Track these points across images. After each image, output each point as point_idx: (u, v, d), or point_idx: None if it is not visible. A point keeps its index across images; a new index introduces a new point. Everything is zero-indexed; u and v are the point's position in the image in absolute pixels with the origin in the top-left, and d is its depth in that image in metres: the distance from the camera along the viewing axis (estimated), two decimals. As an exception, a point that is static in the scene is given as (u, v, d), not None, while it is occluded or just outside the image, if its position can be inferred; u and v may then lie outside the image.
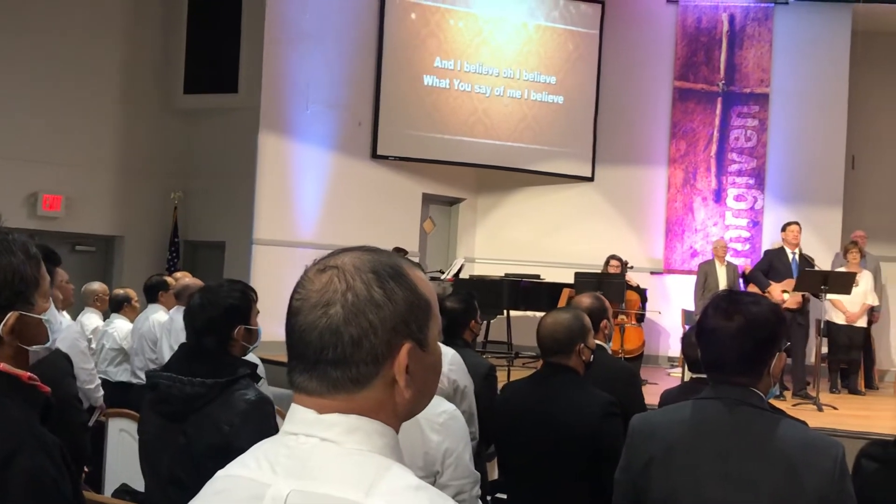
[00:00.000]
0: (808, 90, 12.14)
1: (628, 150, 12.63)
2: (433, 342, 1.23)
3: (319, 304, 1.16)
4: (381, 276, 1.18)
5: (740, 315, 2.17)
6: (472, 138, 12.16)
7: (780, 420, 2.16)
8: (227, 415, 2.71)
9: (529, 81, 12.46)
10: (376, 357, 1.16)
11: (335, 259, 1.20)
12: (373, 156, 11.51)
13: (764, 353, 2.19)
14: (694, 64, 12.53)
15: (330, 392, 1.16)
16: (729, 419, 2.16)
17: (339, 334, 1.15)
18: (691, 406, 2.27)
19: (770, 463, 2.08)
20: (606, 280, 9.74)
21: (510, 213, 12.93)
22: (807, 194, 11.99)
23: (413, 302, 1.19)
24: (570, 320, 3.44)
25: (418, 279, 1.22)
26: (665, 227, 12.46)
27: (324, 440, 1.15)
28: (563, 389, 3.36)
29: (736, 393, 2.18)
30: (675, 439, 2.22)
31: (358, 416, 1.16)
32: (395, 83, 11.62)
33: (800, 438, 2.12)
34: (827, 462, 2.06)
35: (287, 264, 9.98)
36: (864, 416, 8.25)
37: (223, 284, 3.07)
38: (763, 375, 2.20)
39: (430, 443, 2.66)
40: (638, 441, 2.33)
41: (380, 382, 1.17)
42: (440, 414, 2.70)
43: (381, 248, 1.25)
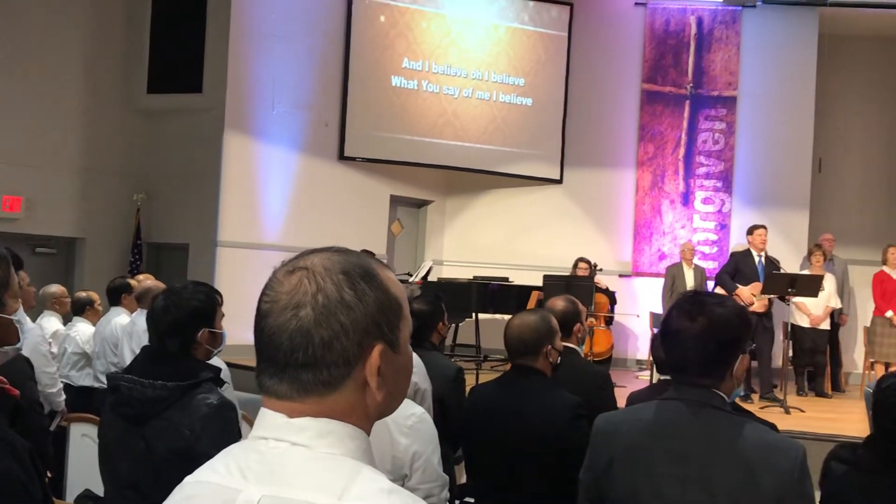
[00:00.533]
0: (776, 93, 12.28)
1: (597, 153, 12.69)
2: (404, 343, 1.23)
3: (289, 305, 1.15)
4: (352, 277, 1.17)
5: (704, 317, 2.18)
6: (442, 140, 12.17)
7: (741, 422, 2.17)
8: (188, 419, 2.70)
9: (498, 83, 12.50)
10: (347, 359, 1.16)
11: (304, 260, 1.20)
12: (340, 157, 11.48)
13: (727, 355, 2.20)
14: (662, 67, 12.62)
15: (300, 395, 1.16)
16: (690, 420, 2.17)
17: (310, 336, 1.14)
18: (654, 407, 2.29)
19: (729, 464, 2.09)
20: (575, 283, 9.78)
21: (479, 215, 12.95)
22: (774, 197, 12.12)
23: (384, 303, 1.19)
24: (538, 322, 3.45)
25: (389, 280, 1.22)
26: (633, 229, 12.54)
27: (294, 444, 1.14)
28: (530, 392, 3.37)
29: (698, 394, 2.19)
30: (636, 439, 2.24)
31: (329, 419, 1.15)
32: (363, 84, 11.60)
33: (760, 440, 2.13)
34: (786, 463, 2.07)
35: (252, 267, 9.93)
36: (831, 419, 8.35)
37: (187, 286, 3.04)
38: (726, 377, 2.21)
39: (398, 446, 2.66)
40: (600, 441, 2.35)
41: (351, 385, 1.17)
42: (409, 417, 2.70)
43: (351, 249, 1.24)
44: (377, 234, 11.78)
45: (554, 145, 12.75)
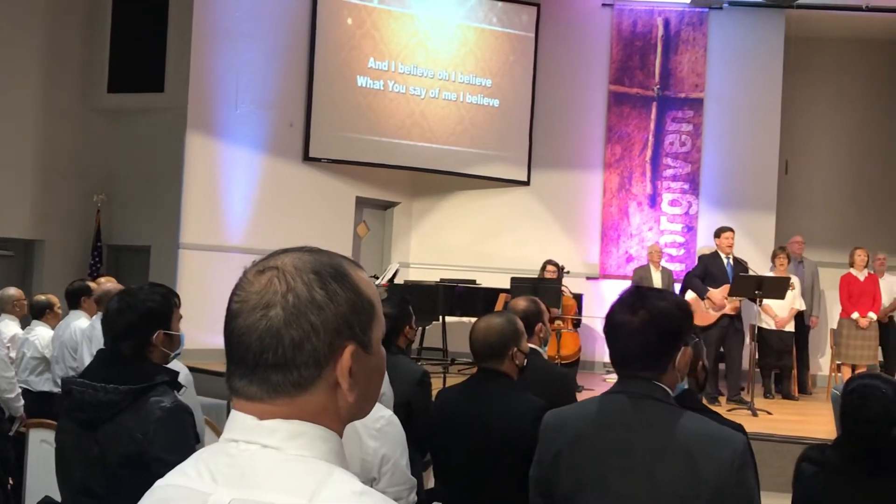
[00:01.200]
0: (742, 95, 12.40)
1: (564, 154, 12.75)
2: (377, 344, 1.23)
3: (259, 306, 1.15)
4: (323, 277, 1.17)
5: (644, 310, 2.24)
6: (409, 141, 12.16)
7: (682, 413, 2.21)
8: (141, 424, 2.68)
9: (465, 84, 12.51)
10: (318, 360, 1.15)
11: (275, 260, 1.19)
12: (305, 158, 11.43)
13: (668, 347, 2.25)
14: (629, 68, 12.71)
15: (271, 397, 1.15)
16: (632, 413, 2.22)
17: (280, 337, 1.14)
18: (599, 400, 2.36)
19: (669, 455, 2.14)
20: (543, 285, 9.81)
21: (445, 217, 12.95)
22: (741, 199, 12.25)
23: (356, 303, 1.19)
24: (503, 324, 3.46)
25: (361, 280, 1.22)
26: (600, 231, 12.60)
27: (265, 447, 1.14)
28: (496, 395, 3.37)
29: (640, 387, 2.24)
30: (581, 432, 2.29)
31: (300, 421, 1.15)
32: (328, 84, 11.56)
33: (700, 431, 2.17)
34: (725, 453, 2.11)
35: (215, 269, 9.87)
36: (798, 421, 8.44)
37: (143, 288, 3.02)
38: (668, 369, 2.26)
39: (367, 449, 2.66)
40: (548, 435, 2.40)
41: (322, 386, 1.16)
42: (377, 419, 2.70)
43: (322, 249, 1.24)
44: (343, 236, 11.75)
45: (521, 147, 12.79)
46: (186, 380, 3.59)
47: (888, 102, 12.88)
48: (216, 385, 7.34)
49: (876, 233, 12.33)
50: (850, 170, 13.08)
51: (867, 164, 12.98)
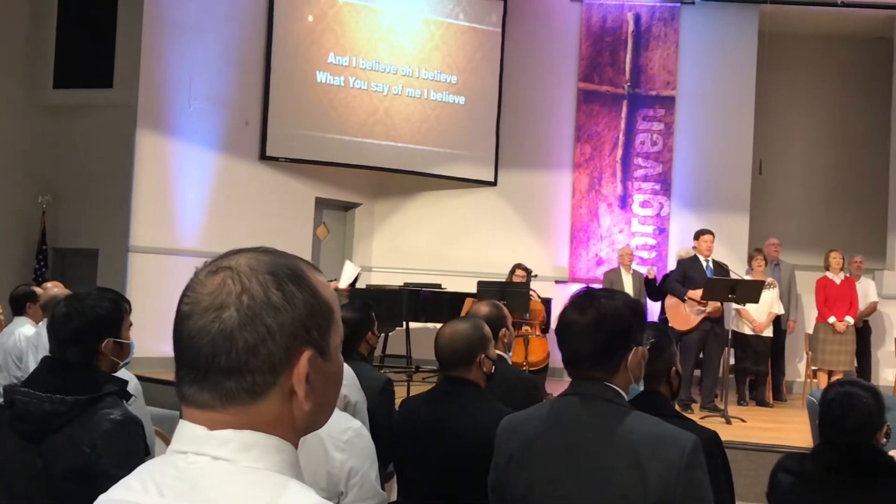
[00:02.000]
0: (715, 93, 12.51)
1: (532, 154, 12.78)
2: (335, 350, 1.22)
3: (211, 307, 1.13)
4: (280, 278, 1.16)
5: (594, 308, 2.29)
6: (372, 140, 12.13)
7: (632, 414, 2.26)
8: (89, 435, 2.63)
9: (429, 80, 12.50)
10: (273, 365, 1.13)
11: (229, 260, 1.18)
12: (261, 157, 11.37)
13: (617, 347, 2.29)
14: (599, 65, 12.77)
15: (223, 404, 1.13)
16: (583, 414, 2.27)
17: (233, 340, 1.12)
18: (551, 402, 2.42)
19: (617, 456, 2.18)
20: (510, 289, 9.82)
21: (409, 218, 12.93)
22: (714, 200, 12.34)
23: (314, 306, 1.17)
24: (470, 330, 3.45)
25: (319, 283, 1.20)
26: (570, 233, 12.65)
27: (216, 458, 1.11)
28: (464, 404, 3.36)
29: (591, 388, 2.29)
30: (532, 436, 2.35)
31: (253, 430, 1.13)
32: (286, 80, 11.50)
33: (649, 431, 2.22)
34: (674, 453, 2.15)
35: (167, 274, 9.78)
36: (773, 429, 8.51)
37: (91, 293, 2.98)
38: (619, 370, 2.30)
39: (333, 461, 2.63)
40: (502, 440, 2.46)
41: (277, 393, 1.14)
42: (345, 431, 2.68)
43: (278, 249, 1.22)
44: (302, 238, 11.69)
45: (487, 146, 12.80)
46: (136, 390, 3.55)
47: (864, 100, 13.04)
48: (167, 395, 7.28)
49: (852, 234, 12.48)
50: (826, 169, 13.23)
51: (843, 164, 13.13)
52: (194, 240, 10.57)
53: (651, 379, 2.98)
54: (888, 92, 12.55)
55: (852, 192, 13.07)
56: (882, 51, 12.82)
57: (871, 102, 12.92)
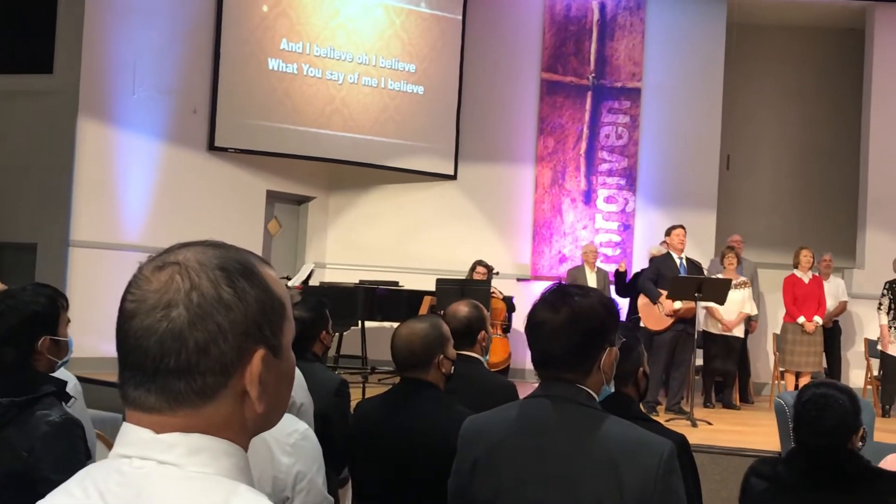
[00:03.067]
0: (682, 85, 12.61)
1: (493, 147, 12.81)
2: (287, 349, 1.21)
3: (159, 305, 1.12)
4: (231, 274, 1.15)
5: (567, 307, 2.26)
6: (328, 130, 12.06)
7: (606, 418, 2.24)
8: (26, 439, 2.61)
9: (387, 69, 12.46)
10: (225, 366, 1.13)
11: (175, 254, 1.16)
12: (210, 147, 11.28)
13: (591, 347, 2.27)
14: (562, 55, 12.82)
15: (171, 407, 1.12)
16: (553, 417, 2.25)
17: (184, 339, 1.11)
18: (519, 404, 2.39)
19: (591, 462, 2.17)
20: (470, 287, 9.84)
21: (365, 213, 12.90)
22: (680, 196, 12.44)
23: (266, 303, 1.17)
24: (427, 330, 3.44)
25: (270, 278, 1.20)
26: (532, 229, 12.69)
27: (162, 463, 1.10)
28: (422, 407, 3.35)
29: (563, 390, 2.27)
30: (500, 439, 2.32)
31: (201, 434, 1.12)
32: (236, 66, 11.41)
33: (624, 436, 2.21)
34: (650, 459, 2.14)
35: (108, 269, 9.68)
36: (740, 432, 8.60)
37: (27, 289, 2.95)
38: (592, 371, 2.28)
39: (279, 465, 2.62)
40: (466, 443, 2.43)
41: (228, 395, 1.14)
42: (291, 434, 2.66)
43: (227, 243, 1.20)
44: (252, 233, 11.62)
45: (447, 138, 12.80)
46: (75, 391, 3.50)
47: (835, 94, 13.21)
48: (109, 396, 7.19)
49: (820, 232, 12.66)
50: (796, 165, 13.39)
51: (813, 159, 13.30)
52: (138, 234, 10.47)
53: (618, 380, 3.00)
54: (859, 86, 12.73)
55: (822, 188, 13.25)
56: (854, 43, 12.99)
57: (843, 96, 13.10)
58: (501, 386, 4.23)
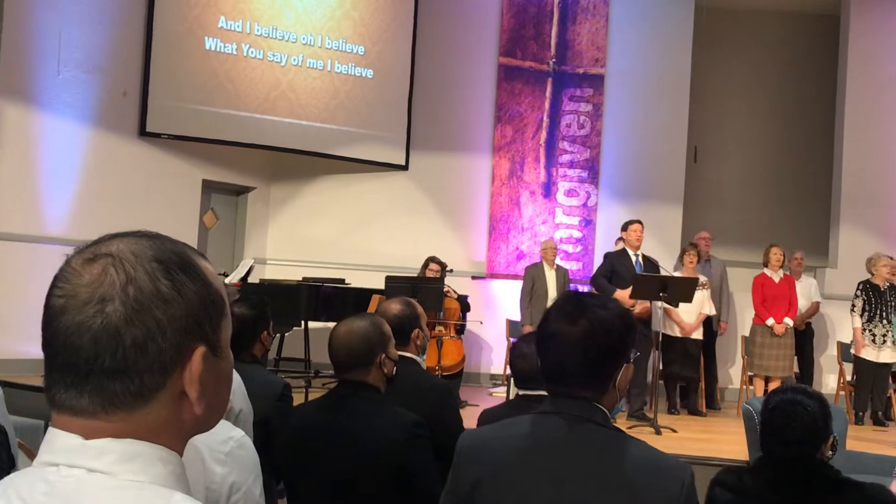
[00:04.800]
0: (647, 72, 12.70)
1: (447, 135, 12.81)
2: (226, 346, 1.22)
3: (92, 300, 1.11)
4: (168, 266, 1.15)
5: (585, 319, 2.22)
6: (273, 116, 11.98)
7: (624, 439, 2.23)
8: None
9: (334, 51, 12.41)
10: (164, 364, 1.13)
11: (107, 246, 1.16)
12: (141, 133, 11.16)
13: (610, 363, 2.25)
14: (522, 38, 12.85)
15: (105, 410, 1.12)
16: (568, 437, 2.21)
17: (120, 337, 1.10)
18: (528, 421, 2.32)
19: (610, 487, 2.15)
20: (423, 285, 9.84)
21: (309, 205, 12.84)
22: (645, 190, 12.54)
23: (206, 297, 1.17)
24: (368, 328, 3.45)
25: (208, 271, 1.21)
26: (488, 225, 12.72)
27: (92, 471, 1.10)
28: (362, 411, 3.36)
29: (577, 408, 2.23)
30: (507, 459, 2.27)
31: (134, 439, 1.12)
32: (170, 45, 11.29)
33: (644, 459, 2.19)
34: (674, 486, 2.14)
35: (30, 264, 9.56)
36: (706, 440, 8.69)
37: None
38: (609, 389, 2.26)
39: (213, 476, 2.60)
40: (465, 460, 2.36)
41: (166, 396, 1.14)
42: (226, 441, 2.64)
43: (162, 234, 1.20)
44: (187, 225, 11.52)
45: (398, 125, 12.78)
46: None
47: (809, 82, 13.39)
48: (32, 402, 7.10)
49: (792, 229, 12.84)
50: (767, 157, 13.55)
51: (784, 152, 13.47)
52: (63, 226, 10.34)
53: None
54: (834, 74, 12.90)
55: (794, 182, 13.43)
56: (828, 29, 13.16)
57: (817, 85, 13.28)
58: (436, 386, 4.25)
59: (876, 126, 12.40)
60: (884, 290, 10.21)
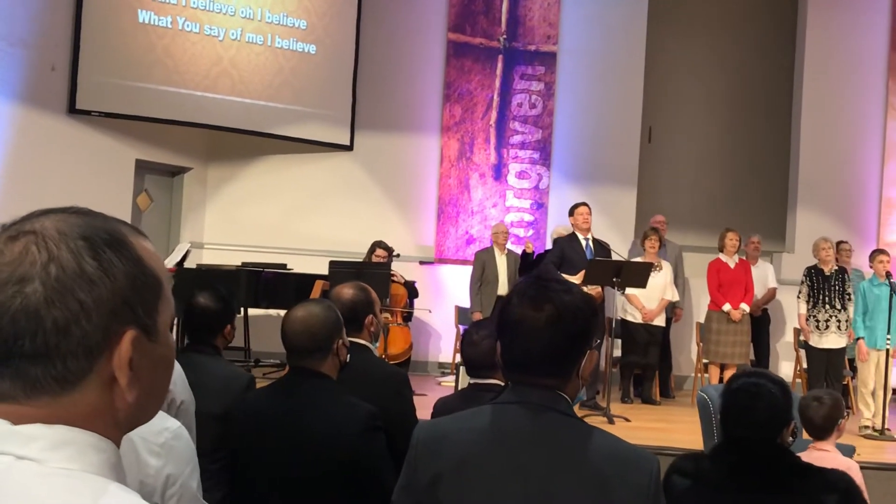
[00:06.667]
0: (601, 49, 12.73)
1: (394, 115, 12.77)
2: (164, 330, 1.19)
3: (11, 280, 1.10)
4: (96, 244, 1.12)
5: (551, 304, 2.20)
6: (213, 94, 11.84)
7: (589, 430, 2.23)
8: None
9: (274, 24, 12.29)
10: (90, 348, 1.11)
11: (32, 223, 1.14)
12: (70, 110, 11.00)
13: (575, 350, 2.24)
14: (471, 13, 12.83)
15: (27, 395, 1.10)
16: (532, 428, 2.20)
17: (40, 319, 1.09)
18: (489, 412, 2.30)
19: (577, 479, 2.15)
20: (368, 271, 9.83)
21: (249, 187, 12.75)
22: (598, 172, 12.59)
23: (138, 277, 1.15)
24: (327, 313, 3.44)
25: (144, 250, 1.18)
26: (437, 207, 12.70)
27: (21, 458, 1.07)
28: (315, 400, 3.34)
29: (542, 397, 2.22)
30: (469, 452, 2.24)
31: (66, 426, 1.10)
32: (101, 18, 11.11)
33: (612, 451, 2.19)
34: (641, 477, 2.14)
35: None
36: (661, 429, 8.78)
37: None
38: (572, 377, 2.26)
39: (147, 468, 2.57)
40: (423, 454, 2.32)
41: (94, 381, 1.12)
42: (161, 432, 2.62)
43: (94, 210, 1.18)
44: (119, 207, 11.37)
45: (342, 104, 12.71)
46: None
47: (767, 62, 13.49)
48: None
49: (748, 213, 12.96)
50: (724, 138, 13.66)
51: (742, 133, 13.59)
52: (-13, 208, 10.19)
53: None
54: (792, 55, 13.03)
55: (751, 165, 13.55)
56: (786, 9, 13.27)
57: (774, 66, 13.40)
58: (391, 375, 4.25)
59: (834, 108, 12.55)
60: (829, 274, 10.33)
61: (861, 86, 12.62)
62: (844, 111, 12.58)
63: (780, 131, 13.11)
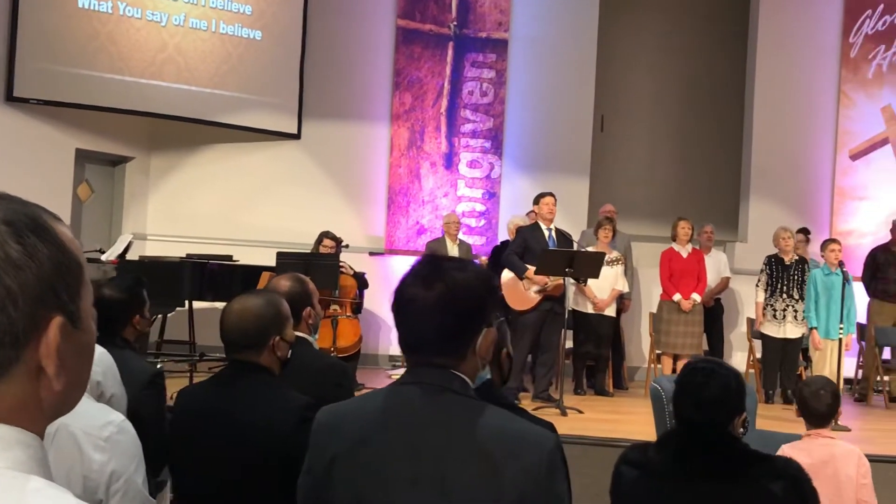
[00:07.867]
0: (553, 37, 12.76)
1: (342, 102, 12.73)
2: (86, 317, 1.19)
3: None
4: (19, 229, 1.11)
5: (442, 283, 2.21)
6: (157, 81, 11.73)
7: (483, 408, 2.22)
8: None
9: (218, 10, 12.20)
10: (16, 336, 1.10)
11: None
12: (8, 98, 10.86)
13: (469, 329, 2.25)
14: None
15: None
16: (425, 408, 2.21)
17: None
18: (385, 393, 2.32)
19: (466, 457, 2.15)
20: (316, 262, 9.79)
21: (193, 177, 12.66)
22: (550, 161, 12.63)
23: (62, 262, 1.14)
24: (263, 307, 3.43)
25: (64, 235, 1.17)
26: (387, 197, 12.69)
27: None
28: (253, 393, 3.34)
29: (436, 376, 2.23)
30: (363, 433, 2.26)
31: None
32: (40, 2, 10.98)
33: (502, 428, 2.19)
34: (532, 456, 2.14)
35: None
36: (613, 420, 8.86)
37: None
38: (468, 356, 2.26)
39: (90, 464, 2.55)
40: (322, 437, 2.35)
41: (21, 372, 1.11)
42: (105, 426, 2.60)
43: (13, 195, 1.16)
44: (59, 198, 11.25)
45: (289, 91, 12.65)
46: None
47: (720, 49, 13.59)
48: None
49: (701, 202, 13.07)
50: (676, 128, 13.75)
51: (694, 122, 13.68)
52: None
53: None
54: (745, 44, 13.15)
55: (703, 154, 13.65)
56: None
57: (727, 55, 13.49)
58: (330, 366, 4.25)
59: (787, 98, 12.68)
60: (789, 264, 10.46)
61: (814, 75, 12.75)
62: (797, 100, 12.71)
63: (733, 120, 13.22)
